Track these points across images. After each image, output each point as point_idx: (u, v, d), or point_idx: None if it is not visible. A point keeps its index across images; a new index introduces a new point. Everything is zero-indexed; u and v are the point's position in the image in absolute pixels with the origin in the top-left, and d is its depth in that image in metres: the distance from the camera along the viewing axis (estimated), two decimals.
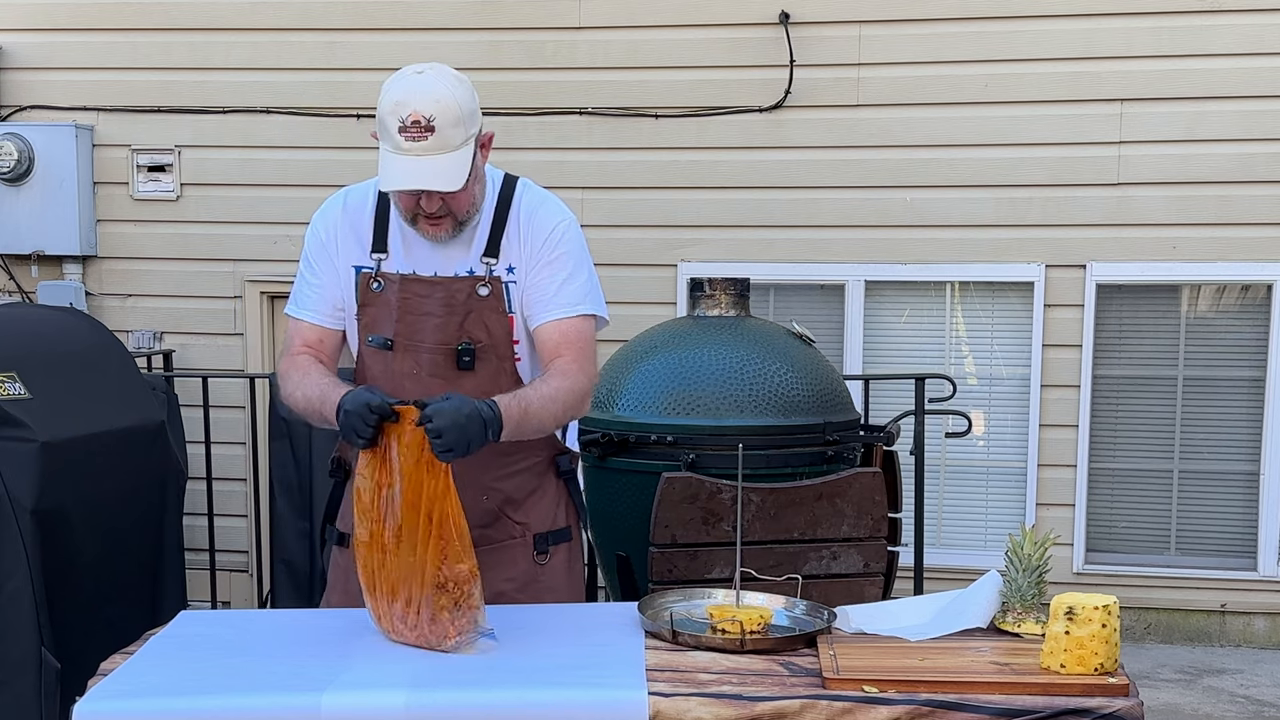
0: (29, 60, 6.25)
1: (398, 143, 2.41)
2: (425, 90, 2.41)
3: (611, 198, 5.96)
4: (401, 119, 2.39)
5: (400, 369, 2.63)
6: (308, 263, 2.70)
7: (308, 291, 2.70)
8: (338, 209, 2.69)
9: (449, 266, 2.61)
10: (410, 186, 2.44)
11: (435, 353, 2.61)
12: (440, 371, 2.60)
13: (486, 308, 2.60)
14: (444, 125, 2.40)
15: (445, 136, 2.41)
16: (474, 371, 2.61)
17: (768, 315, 5.73)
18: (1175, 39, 5.60)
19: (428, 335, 2.60)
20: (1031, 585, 2.33)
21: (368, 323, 2.65)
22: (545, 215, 2.66)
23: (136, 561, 3.83)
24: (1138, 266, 5.70)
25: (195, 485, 4.78)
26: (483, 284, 2.60)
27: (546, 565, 2.74)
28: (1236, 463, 5.78)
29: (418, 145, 2.40)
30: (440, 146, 2.41)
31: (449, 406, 2.26)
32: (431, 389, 2.57)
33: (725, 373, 3.72)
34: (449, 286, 2.59)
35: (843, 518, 3.51)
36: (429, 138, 2.39)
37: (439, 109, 2.40)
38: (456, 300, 2.59)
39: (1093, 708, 2.00)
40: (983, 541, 5.90)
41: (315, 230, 2.70)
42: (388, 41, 5.99)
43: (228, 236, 6.18)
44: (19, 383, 3.46)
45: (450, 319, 2.59)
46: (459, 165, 2.44)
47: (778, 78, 5.78)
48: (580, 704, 2.02)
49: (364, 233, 2.65)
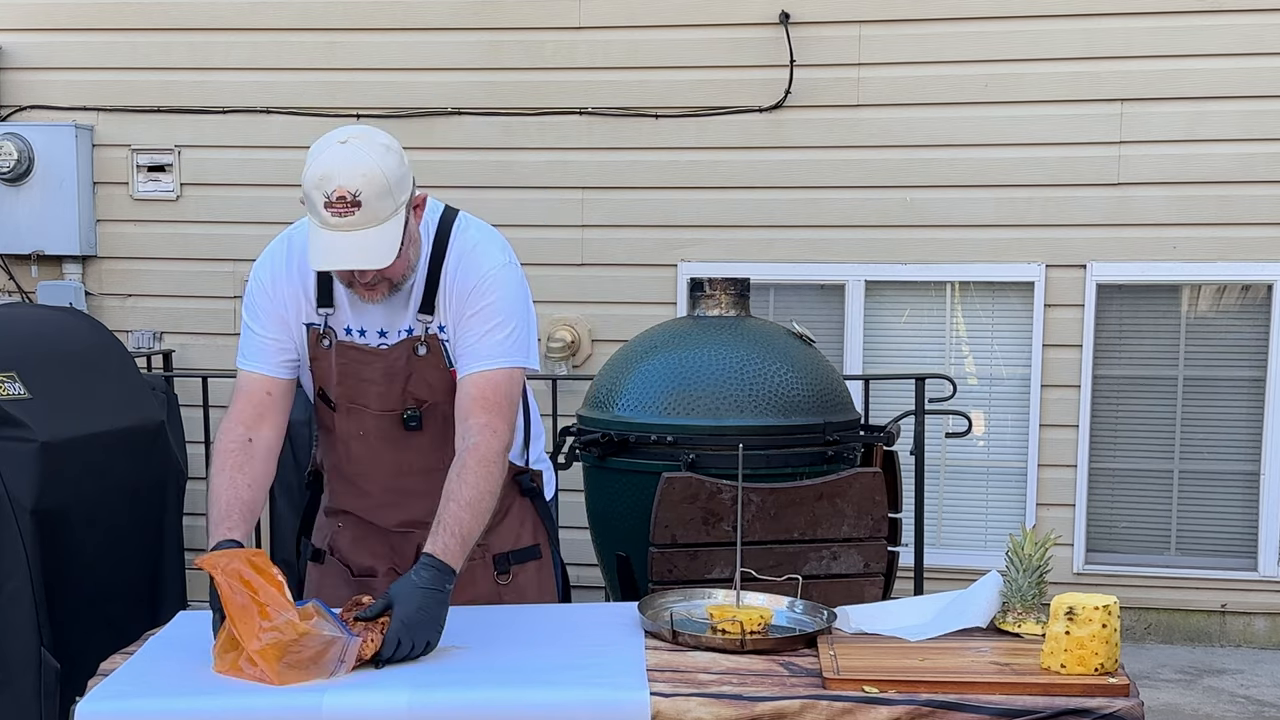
0: (29, 60, 6.25)
1: (324, 218, 2.30)
2: (350, 163, 2.30)
3: (611, 198, 5.96)
4: (327, 194, 2.29)
5: (346, 429, 2.60)
6: (252, 313, 2.60)
7: (254, 342, 2.60)
8: (281, 255, 2.59)
9: (392, 323, 2.55)
10: (338, 266, 2.36)
11: (381, 418, 2.57)
12: (387, 434, 2.58)
13: (427, 366, 2.54)
14: (371, 198, 2.29)
15: (373, 210, 2.30)
16: (422, 430, 2.57)
17: (768, 315, 5.73)
18: (1175, 39, 5.59)
19: (372, 401, 2.56)
20: (1032, 585, 2.33)
21: (318, 376, 2.60)
22: (470, 267, 2.53)
23: (136, 561, 3.83)
24: (1138, 266, 5.70)
25: (195, 485, 4.77)
26: (420, 343, 2.53)
27: (510, 585, 2.72)
28: (1236, 463, 5.78)
29: (344, 220, 2.29)
30: (368, 220, 2.30)
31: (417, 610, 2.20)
32: (379, 451, 2.58)
33: (725, 373, 3.72)
34: (388, 357, 2.53)
35: (843, 518, 3.51)
36: (355, 213, 2.29)
37: (365, 182, 2.29)
38: (396, 367, 2.54)
39: (1093, 708, 2.00)
40: (983, 541, 5.90)
41: (260, 280, 2.60)
42: (388, 41, 5.99)
43: (228, 236, 6.18)
44: (19, 383, 3.46)
45: (392, 385, 2.55)
46: (389, 238, 2.33)
47: (778, 78, 5.78)
48: (582, 704, 2.02)
49: (309, 286, 2.56)
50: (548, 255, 5.87)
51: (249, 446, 2.54)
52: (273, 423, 2.59)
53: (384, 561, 2.74)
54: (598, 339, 5.93)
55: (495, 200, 5.73)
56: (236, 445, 2.54)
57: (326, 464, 2.75)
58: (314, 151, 2.37)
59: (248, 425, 2.57)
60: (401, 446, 2.59)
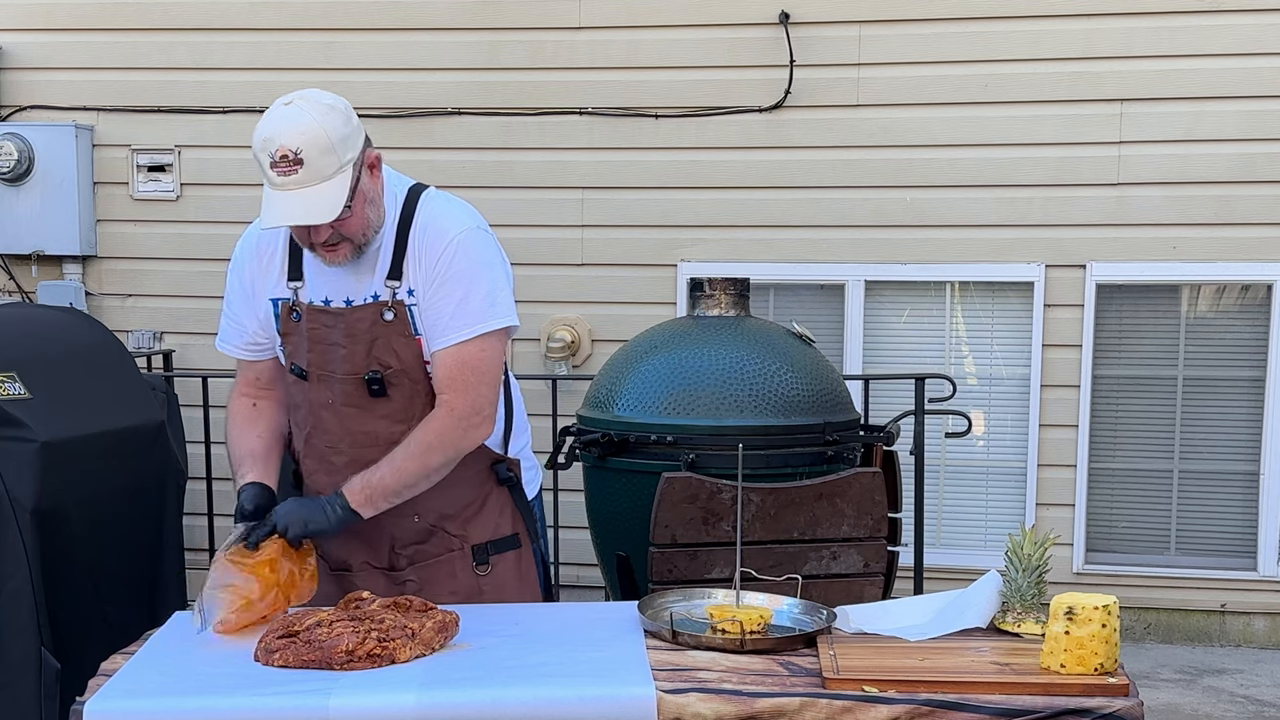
0: (29, 60, 6.25)
1: (271, 178, 2.40)
2: (290, 123, 2.40)
3: (611, 198, 5.96)
4: (271, 154, 2.39)
5: (317, 399, 2.65)
6: (228, 296, 2.77)
7: (226, 324, 2.79)
8: (252, 240, 2.71)
9: (360, 290, 2.59)
10: (284, 223, 2.43)
11: (346, 382, 2.60)
12: (354, 400, 2.61)
13: (393, 332, 2.57)
14: (313, 156, 2.38)
15: (316, 167, 2.38)
16: (388, 398, 2.60)
17: (768, 315, 5.73)
18: (1175, 39, 5.60)
19: (337, 365, 2.60)
20: (1031, 585, 2.33)
21: (290, 351, 2.67)
22: (437, 231, 2.57)
23: (136, 561, 3.83)
24: (1138, 266, 5.70)
25: (195, 485, 4.79)
26: (387, 309, 2.56)
27: (489, 575, 2.73)
28: (1236, 463, 5.78)
29: (289, 179, 2.38)
30: (312, 178, 2.38)
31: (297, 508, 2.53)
32: (347, 419, 2.62)
33: (725, 373, 3.72)
34: (350, 317, 2.57)
35: (843, 518, 3.51)
36: (298, 170, 2.37)
37: (305, 140, 2.38)
38: (360, 329, 2.57)
39: (1093, 708, 2.00)
40: (983, 541, 5.90)
41: (235, 262, 2.75)
42: (388, 41, 5.99)
43: (228, 236, 6.09)
44: (19, 383, 3.46)
45: (355, 347, 2.57)
46: (334, 195, 2.40)
47: (778, 78, 5.78)
48: (590, 699, 2.02)
49: (279, 261, 2.64)
50: (547, 255, 5.88)
51: (254, 409, 2.76)
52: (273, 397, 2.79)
53: (358, 554, 2.73)
54: (597, 339, 5.93)
55: (495, 200, 5.73)
56: (243, 408, 2.77)
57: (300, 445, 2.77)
58: (262, 119, 2.47)
59: (251, 396, 2.80)
60: (369, 413, 2.61)
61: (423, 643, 2.21)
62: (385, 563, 2.71)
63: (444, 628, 2.26)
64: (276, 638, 2.20)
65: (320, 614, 2.27)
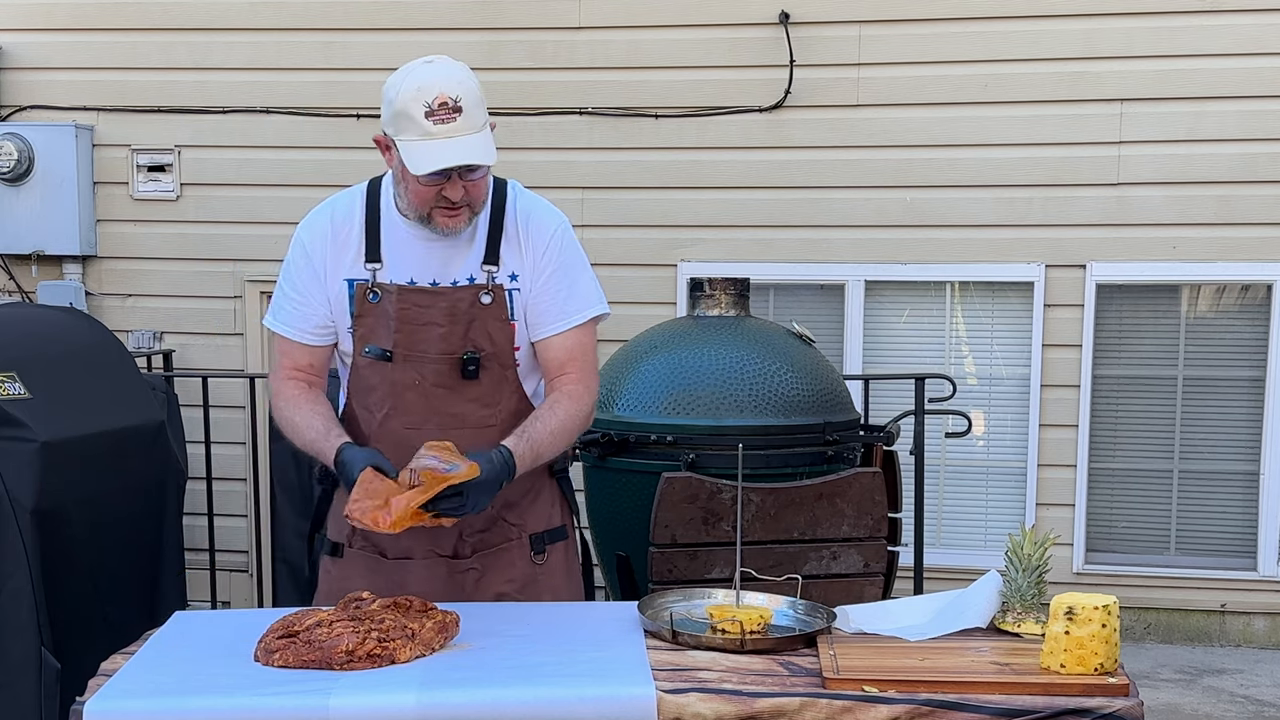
0: (29, 60, 6.25)
1: (426, 128, 2.38)
2: (447, 73, 2.41)
3: (611, 198, 5.96)
4: (427, 103, 2.37)
5: (401, 379, 2.60)
6: (289, 277, 2.64)
7: (289, 307, 2.64)
8: (325, 222, 2.63)
9: (447, 274, 2.58)
10: (450, 163, 2.40)
11: (440, 363, 2.58)
12: (445, 381, 2.59)
13: (490, 316, 2.57)
14: (470, 105, 2.40)
15: (471, 117, 2.40)
16: (478, 380, 2.59)
17: (768, 315, 5.73)
18: (1175, 39, 5.60)
19: (431, 345, 2.57)
20: (1031, 585, 2.33)
21: (363, 334, 2.60)
22: (542, 220, 2.63)
23: (136, 561, 3.83)
24: (1137, 266, 5.70)
25: (195, 485, 4.78)
26: (485, 292, 2.57)
27: (544, 565, 2.73)
28: (1236, 463, 5.78)
29: (447, 127, 2.38)
30: (468, 126, 2.40)
31: (487, 480, 2.37)
32: (435, 399, 2.58)
33: (725, 373, 3.72)
34: (452, 296, 2.57)
35: (843, 518, 3.51)
36: (457, 118, 2.38)
37: (463, 89, 2.40)
38: (460, 309, 2.56)
39: (1093, 708, 2.00)
40: (983, 541, 5.90)
41: (301, 243, 2.64)
42: (387, 41, 5.99)
43: (227, 236, 6.18)
44: (19, 383, 3.46)
45: (454, 328, 2.56)
46: (489, 143, 2.43)
47: (778, 78, 5.78)
48: (589, 700, 2.02)
49: (355, 243, 2.60)
50: None
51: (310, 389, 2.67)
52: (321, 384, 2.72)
53: (423, 543, 2.67)
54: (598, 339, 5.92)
55: None
56: (299, 389, 2.66)
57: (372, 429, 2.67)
58: (398, 77, 2.44)
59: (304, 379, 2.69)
60: (458, 395, 2.59)
61: (423, 643, 2.21)
62: (450, 550, 2.68)
63: (444, 628, 2.26)
64: (276, 638, 2.20)
65: (320, 614, 2.26)
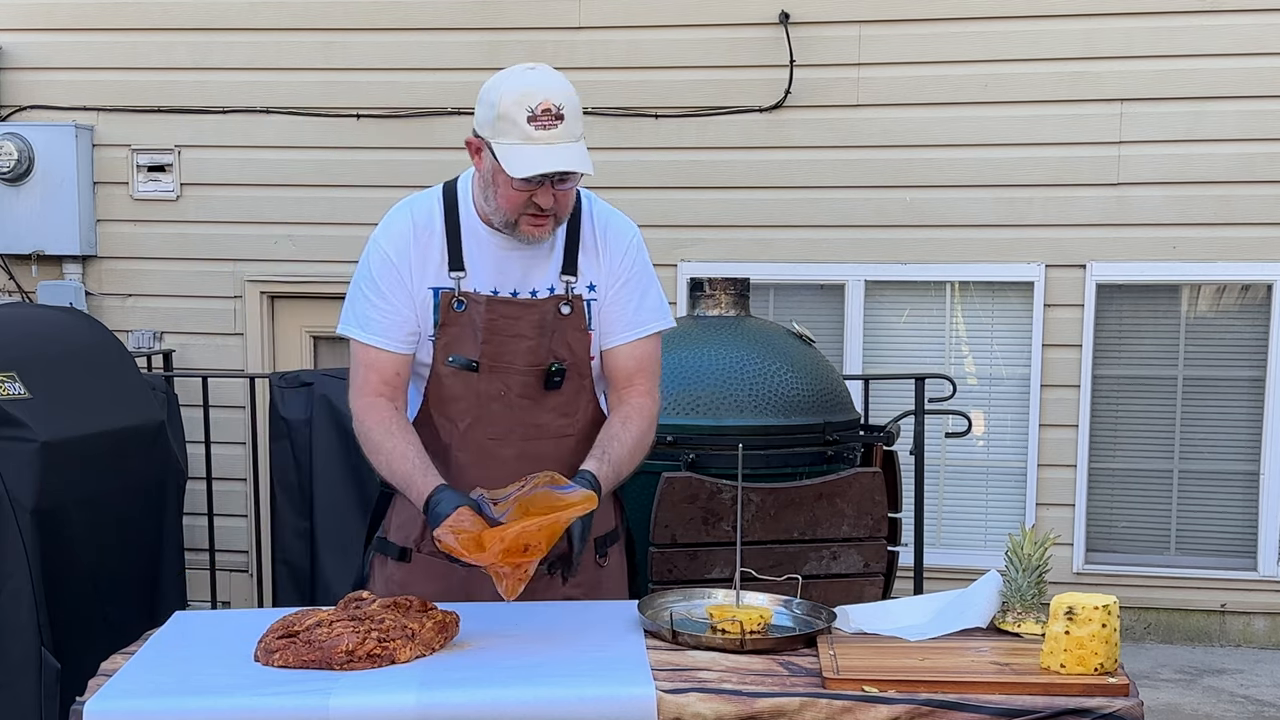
0: (29, 60, 6.25)
1: (527, 133, 2.39)
2: (551, 82, 2.44)
3: (611, 198, 5.81)
4: (531, 109, 2.39)
5: (487, 390, 2.57)
6: (373, 284, 2.56)
7: (375, 316, 2.55)
8: (406, 227, 2.56)
9: (526, 283, 2.57)
10: (550, 169, 2.39)
11: (526, 374, 2.56)
12: (529, 392, 2.57)
13: (569, 326, 2.57)
14: (570, 115, 2.42)
15: (572, 126, 2.42)
16: (560, 390, 2.59)
17: (768, 315, 5.73)
18: (1175, 39, 5.60)
19: (518, 357, 2.56)
20: (1031, 585, 2.33)
21: (447, 343, 2.56)
22: (620, 229, 2.66)
23: (136, 561, 3.83)
24: (1137, 266, 5.70)
25: (195, 485, 4.78)
26: (564, 303, 2.57)
27: (606, 567, 2.73)
28: (1236, 463, 5.78)
29: (549, 134, 2.39)
30: (569, 135, 2.41)
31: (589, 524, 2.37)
32: (519, 410, 2.57)
33: (725, 373, 3.72)
34: (539, 307, 2.55)
35: (843, 518, 3.51)
36: (559, 126, 2.40)
37: (565, 99, 2.42)
38: (545, 321, 2.55)
39: (1093, 708, 2.00)
40: (983, 541, 5.90)
41: (381, 249, 2.56)
42: (387, 41, 6.00)
43: (228, 236, 6.18)
44: (19, 383, 3.46)
45: (540, 340, 2.55)
46: (586, 154, 2.44)
47: (778, 78, 5.78)
48: (590, 699, 2.02)
49: (437, 250, 2.55)
50: None
51: (398, 410, 2.57)
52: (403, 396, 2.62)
53: None
54: None
55: None
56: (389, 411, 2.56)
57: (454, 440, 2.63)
58: (501, 80, 2.44)
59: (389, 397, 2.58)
60: (540, 405, 2.59)
61: (423, 643, 2.21)
62: None
63: (444, 628, 2.26)
64: (276, 638, 2.20)
65: (320, 614, 2.26)
